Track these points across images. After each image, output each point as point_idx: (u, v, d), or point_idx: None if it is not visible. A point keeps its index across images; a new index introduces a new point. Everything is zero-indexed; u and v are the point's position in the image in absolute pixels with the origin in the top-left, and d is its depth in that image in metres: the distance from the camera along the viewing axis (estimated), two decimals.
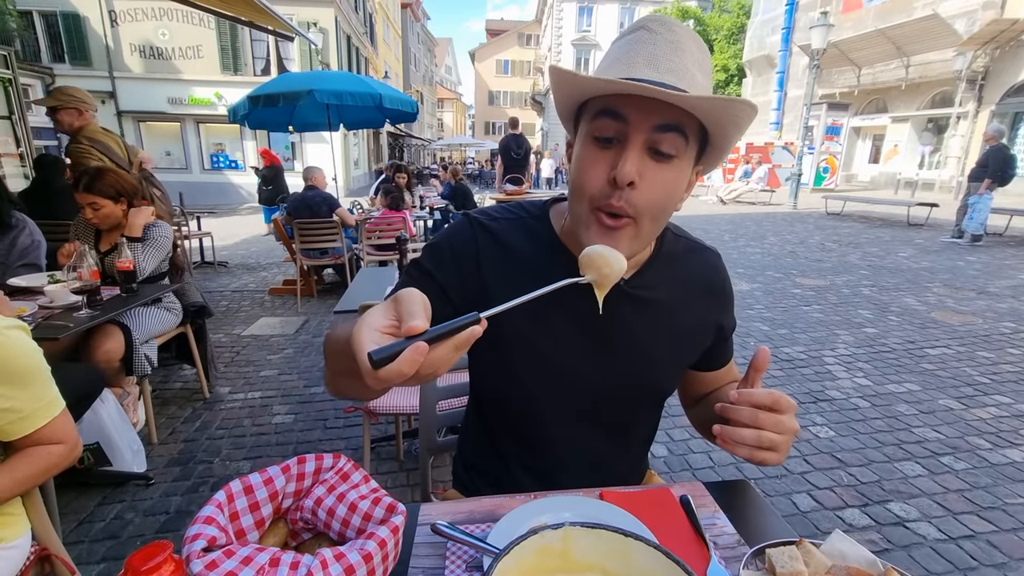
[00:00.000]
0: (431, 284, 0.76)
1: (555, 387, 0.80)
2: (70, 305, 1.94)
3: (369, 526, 0.57)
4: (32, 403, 0.98)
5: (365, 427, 2.00)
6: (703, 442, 2.46)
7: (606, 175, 0.64)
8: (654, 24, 0.64)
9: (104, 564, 1.71)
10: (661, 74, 0.60)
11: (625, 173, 0.61)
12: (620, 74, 0.62)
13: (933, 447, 2.39)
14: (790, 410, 0.63)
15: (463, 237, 0.79)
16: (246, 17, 4.89)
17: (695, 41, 0.65)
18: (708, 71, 0.66)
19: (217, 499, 0.54)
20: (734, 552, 0.65)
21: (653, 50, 0.62)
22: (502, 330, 0.76)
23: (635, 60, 0.62)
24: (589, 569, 0.47)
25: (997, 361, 3.36)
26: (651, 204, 0.65)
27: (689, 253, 0.86)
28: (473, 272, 0.77)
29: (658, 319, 0.80)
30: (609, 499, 0.74)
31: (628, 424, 0.88)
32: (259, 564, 0.49)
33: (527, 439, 0.86)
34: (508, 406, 0.85)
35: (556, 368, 0.79)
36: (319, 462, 0.62)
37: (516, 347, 0.78)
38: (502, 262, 0.77)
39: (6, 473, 0.95)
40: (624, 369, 0.80)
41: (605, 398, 0.81)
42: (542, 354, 0.78)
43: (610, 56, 0.67)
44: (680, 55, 0.62)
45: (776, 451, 0.61)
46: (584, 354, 0.78)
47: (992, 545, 1.78)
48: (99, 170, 2.30)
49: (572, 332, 0.78)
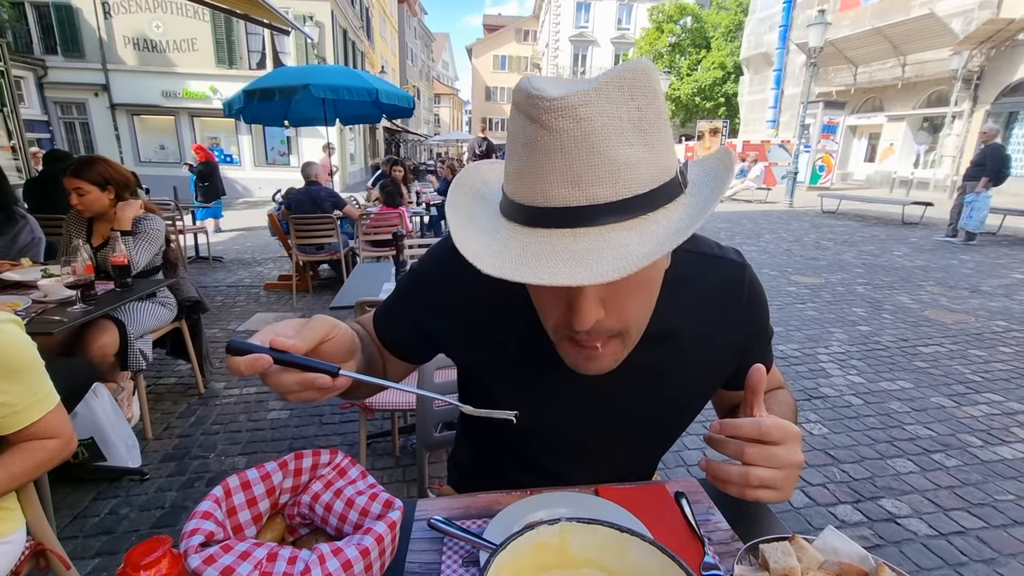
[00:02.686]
0: (415, 332, 0.77)
1: (552, 431, 0.76)
2: (64, 300, 1.93)
3: (366, 521, 0.58)
4: (26, 398, 0.97)
5: (361, 423, 2.01)
6: (698, 440, 2.47)
7: (563, 313, 0.55)
8: (550, 117, 0.44)
9: (99, 559, 1.70)
10: (585, 188, 0.45)
11: (583, 323, 0.52)
12: (534, 194, 0.48)
13: (925, 444, 2.41)
14: (786, 440, 0.55)
15: (432, 272, 0.77)
16: (241, 10, 4.86)
17: (619, 93, 0.45)
18: (653, 117, 0.47)
19: (215, 494, 0.54)
20: (728, 548, 0.66)
21: (564, 161, 0.45)
22: (486, 375, 0.76)
23: (548, 176, 0.46)
24: (586, 564, 0.47)
25: (989, 359, 3.39)
26: (630, 320, 0.57)
27: (707, 269, 0.73)
28: (443, 318, 0.76)
29: (672, 355, 0.72)
30: (605, 495, 0.74)
31: (637, 458, 0.86)
32: (257, 559, 0.49)
33: (527, 464, 0.83)
34: (503, 434, 0.80)
35: (553, 414, 0.75)
36: (316, 458, 0.62)
37: (503, 394, 0.75)
38: (472, 295, 0.72)
39: (1, 468, 0.95)
40: (634, 414, 0.76)
41: (611, 441, 0.79)
42: (535, 399, 0.74)
43: (516, 150, 0.50)
44: (601, 149, 0.45)
45: (774, 488, 0.55)
46: (584, 400, 0.74)
47: (982, 541, 1.80)
48: (91, 157, 2.28)
49: (569, 381, 0.68)
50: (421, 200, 7.47)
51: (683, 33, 28.51)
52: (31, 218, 2.25)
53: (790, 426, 0.56)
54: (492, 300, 0.69)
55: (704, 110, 27.79)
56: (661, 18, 28.46)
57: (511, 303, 0.67)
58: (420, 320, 0.76)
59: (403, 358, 0.82)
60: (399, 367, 0.83)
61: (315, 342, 0.53)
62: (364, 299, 1.85)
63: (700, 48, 28.48)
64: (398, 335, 0.79)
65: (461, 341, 0.76)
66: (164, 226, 2.47)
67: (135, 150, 15.59)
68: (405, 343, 0.80)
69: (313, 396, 0.52)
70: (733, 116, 26.01)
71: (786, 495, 0.57)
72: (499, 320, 0.71)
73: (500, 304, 0.69)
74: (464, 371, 0.85)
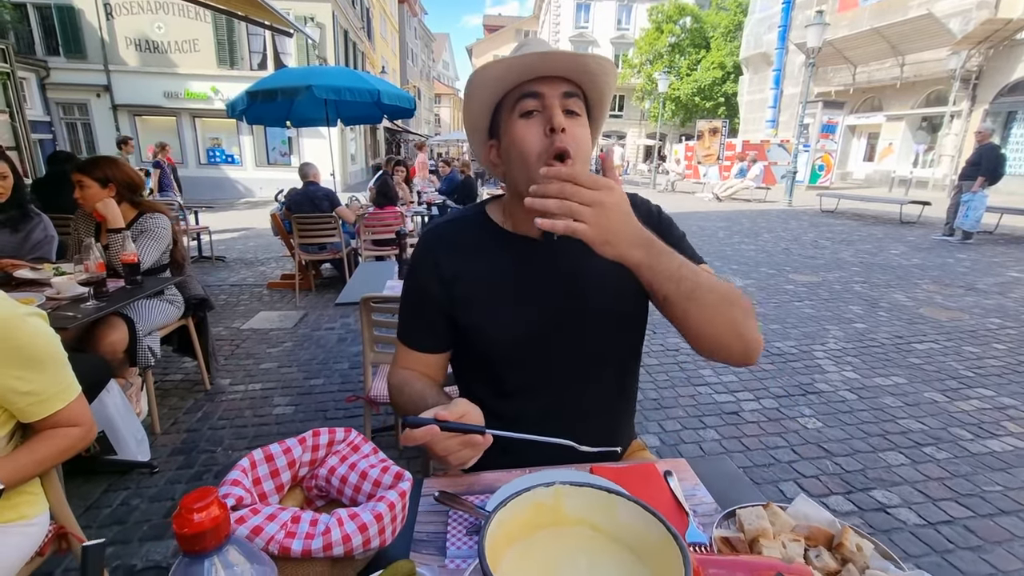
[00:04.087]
0: (428, 307, 0.93)
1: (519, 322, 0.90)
2: (76, 296, 1.98)
3: (379, 491, 0.63)
4: (51, 386, 1.03)
5: (366, 416, 2.06)
6: (693, 431, 2.53)
7: (542, 131, 0.81)
8: (532, 42, 0.85)
9: (112, 548, 1.76)
10: (549, 52, 0.79)
11: (558, 121, 0.79)
12: (519, 55, 0.80)
13: (917, 438, 2.47)
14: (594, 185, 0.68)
15: (421, 258, 0.95)
16: (242, 12, 4.90)
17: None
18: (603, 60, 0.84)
19: (242, 465, 0.60)
20: (711, 519, 0.71)
21: (537, 45, 0.82)
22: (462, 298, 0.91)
23: (527, 51, 0.80)
24: (578, 523, 0.52)
25: (982, 356, 3.44)
26: (580, 144, 0.81)
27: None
28: (439, 279, 0.91)
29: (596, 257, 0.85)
30: (599, 473, 0.79)
31: (603, 353, 0.94)
32: (282, 520, 0.54)
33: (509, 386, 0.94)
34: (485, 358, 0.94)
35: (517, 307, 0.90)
36: (332, 435, 0.68)
37: (476, 307, 0.91)
38: (457, 255, 0.92)
39: (27, 453, 1.00)
40: (579, 295, 0.90)
41: (569, 323, 0.90)
42: (501, 301, 0.90)
43: (506, 58, 0.83)
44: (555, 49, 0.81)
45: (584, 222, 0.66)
46: (539, 292, 0.90)
47: (968, 530, 1.85)
48: (101, 157, 2.35)
49: (524, 277, 0.91)
50: (423, 199, 7.52)
51: (683, 33, 28.56)
52: (45, 216, 2.31)
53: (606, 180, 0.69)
54: (469, 253, 0.92)
55: (704, 110, 27.84)
56: (661, 18, 28.52)
57: (483, 252, 0.91)
58: (433, 294, 0.92)
59: (435, 348, 0.96)
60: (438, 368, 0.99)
61: (460, 415, 0.71)
62: (368, 295, 1.90)
63: (700, 48, 28.53)
64: (423, 333, 0.96)
65: (461, 291, 0.91)
66: (170, 225, 2.52)
67: (137, 150, 15.61)
68: (433, 332, 0.95)
69: (471, 453, 0.70)
70: (733, 116, 26.06)
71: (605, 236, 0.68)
72: (479, 264, 0.92)
73: (475, 254, 0.92)
74: (463, 333, 0.94)
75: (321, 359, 3.39)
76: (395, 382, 0.94)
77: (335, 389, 2.96)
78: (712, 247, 7.34)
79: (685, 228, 0.97)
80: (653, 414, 2.68)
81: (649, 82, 28.16)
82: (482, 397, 0.97)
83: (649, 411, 2.71)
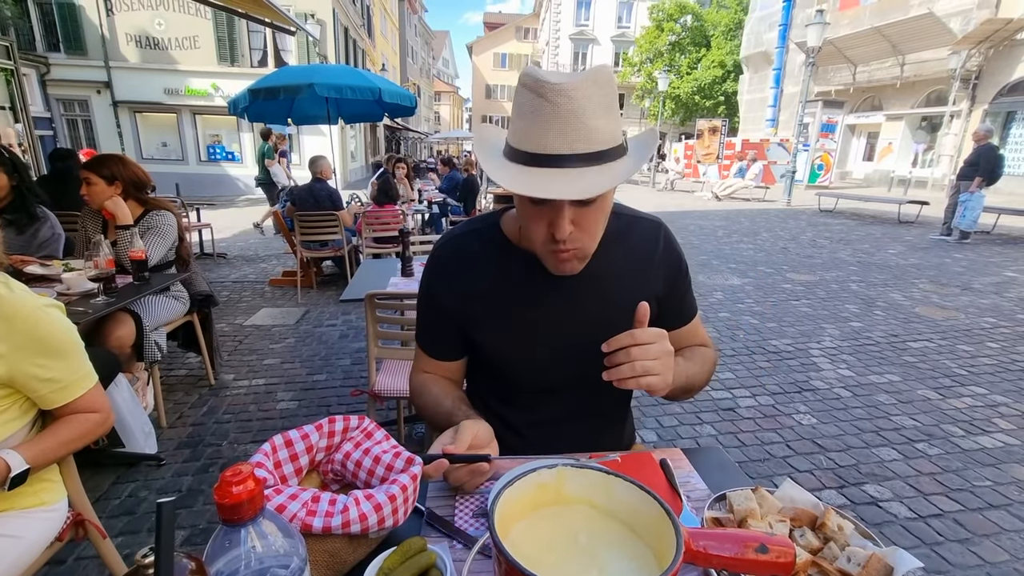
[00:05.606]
0: (443, 320, 0.97)
1: (530, 341, 0.94)
2: (86, 292, 2.02)
3: (391, 475, 0.67)
4: (70, 374, 1.07)
5: (370, 410, 2.10)
6: (690, 427, 2.58)
7: (546, 231, 0.79)
8: (552, 95, 0.69)
9: (121, 538, 1.80)
10: (570, 143, 0.70)
11: (561, 233, 0.76)
12: (535, 145, 0.71)
13: (909, 434, 2.51)
14: (656, 339, 0.73)
15: (436, 272, 0.98)
16: (243, 9, 4.92)
17: (594, 85, 0.70)
18: (612, 102, 0.73)
19: (263, 449, 0.64)
20: (704, 504, 0.76)
21: (558, 124, 0.69)
22: (474, 315, 0.94)
23: (547, 133, 0.70)
24: (578, 503, 0.56)
25: (976, 354, 3.49)
26: (591, 235, 0.81)
27: (633, 224, 0.97)
28: (452, 295, 0.95)
29: (606, 289, 0.93)
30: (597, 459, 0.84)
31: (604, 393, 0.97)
32: (304, 499, 0.58)
33: (517, 396, 1.00)
34: (495, 370, 1.00)
35: (527, 326, 0.94)
36: (347, 422, 0.72)
37: (487, 324, 0.95)
38: (470, 271, 0.95)
39: (51, 436, 1.05)
40: (589, 313, 0.93)
41: (578, 342, 0.92)
42: (512, 319, 0.94)
43: (522, 115, 0.73)
44: (583, 118, 0.69)
45: (655, 374, 0.72)
46: (549, 310, 0.93)
47: (958, 523, 1.90)
48: (110, 154, 2.38)
49: (535, 295, 0.93)
50: (423, 198, 7.54)
51: (683, 31, 28.56)
52: (51, 215, 2.34)
53: (656, 329, 0.75)
54: (482, 269, 0.95)
55: (704, 108, 27.85)
56: (661, 16, 28.50)
57: (496, 269, 0.93)
58: (448, 309, 0.96)
59: (453, 357, 1.01)
60: (456, 371, 1.04)
61: (467, 443, 0.76)
62: (373, 292, 1.94)
63: (700, 46, 28.53)
64: (441, 342, 1.01)
65: (473, 308, 0.95)
66: (176, 222, 2.55)
67: (137, 147, 15.64)
68: (449, 344, 1.00)
69: (479, 480, 0.76)
70: (732, 114, 26.09)
71: (667, 379, 0.74)
72: (491, 282, 0.94)
73: (488, 271, 0.94)
74: (478, 345, 0.98)
75: (323, 355, 3.43)
76: (415, 385, 1.01)
77: (338, 384, 3.00)
78: (711, 246, 7.38)
79: (684, 227, 1.02)
80: (651, 410, 2.73)
81: (649, 81, 28.16)
82: (489, 402, 1.04)
83: (647, 407, 2.75)
